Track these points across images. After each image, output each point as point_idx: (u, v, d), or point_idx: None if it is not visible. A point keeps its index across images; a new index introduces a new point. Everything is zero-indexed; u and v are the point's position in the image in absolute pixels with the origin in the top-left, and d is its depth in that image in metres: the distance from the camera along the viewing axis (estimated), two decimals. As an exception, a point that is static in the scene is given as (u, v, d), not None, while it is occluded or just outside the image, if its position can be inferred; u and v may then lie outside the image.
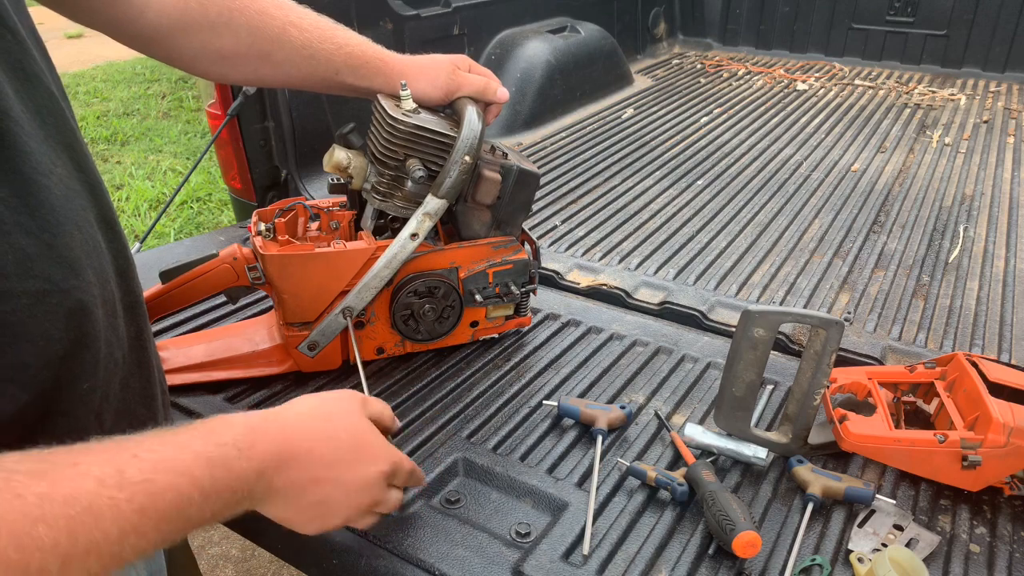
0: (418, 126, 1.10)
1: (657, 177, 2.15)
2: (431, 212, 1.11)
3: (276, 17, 1.02)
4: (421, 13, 2.21)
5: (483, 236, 1.24)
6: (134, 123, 5.16)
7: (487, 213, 1.22)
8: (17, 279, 0.54)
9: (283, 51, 1.03)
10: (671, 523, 0.96)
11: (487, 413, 1.16)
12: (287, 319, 1.17)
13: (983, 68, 3.14)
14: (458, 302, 1.25)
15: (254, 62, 1.04)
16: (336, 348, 1.21)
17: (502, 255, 1.26)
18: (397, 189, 1.15)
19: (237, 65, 1.04)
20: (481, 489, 1.02)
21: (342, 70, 1.09)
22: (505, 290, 1.26)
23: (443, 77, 1.14)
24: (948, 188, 2.06)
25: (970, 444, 0.95)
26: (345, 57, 1.08)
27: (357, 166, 1.16)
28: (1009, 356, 1.32)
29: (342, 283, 1.15)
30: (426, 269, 1.20)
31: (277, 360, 1.22)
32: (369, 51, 1.11)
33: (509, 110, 2.48)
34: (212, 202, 4.04)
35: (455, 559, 0.90)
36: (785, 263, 1.66)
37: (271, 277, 1.14)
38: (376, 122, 1.13)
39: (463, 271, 1.23)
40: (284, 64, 1.05)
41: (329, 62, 1.07)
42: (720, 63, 3.41)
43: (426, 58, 1.16)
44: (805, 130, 2.55)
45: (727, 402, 1.04)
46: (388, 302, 1.20)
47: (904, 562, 0.84)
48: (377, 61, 1.11)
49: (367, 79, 1.11)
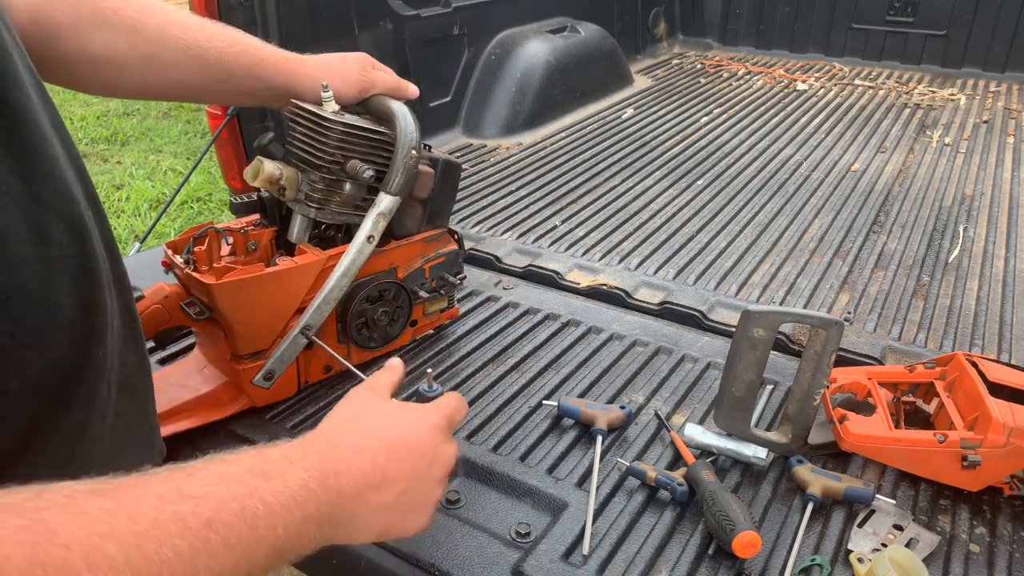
0: (353, 126, 1.07)
1: (657, 177, 2.15)
2: (385, 211, 1.09)
3: (154, 17, 0.94)
4: (421, 13, 2.21)
5: (416, 232, 1.22)
6: (134, 123, 5.16)
7: (419, 208, 1.21)
8: (32, 246, 0.55)
9: (167, 52, 0.95)
10: (671, 523, 0.96)
11: (487, 413, 1.16)
12: (239, 351, 1.08)
13: (983, 68, 3.14)
14: (407, 302, 1.24)
15: (137, 67, 0.94)
16: (292, 374, 1.14)
17: (435, 248, 1.26)
18: (334, 195, 1.10)
19: (119, 71, 0.94)
20: (481, 489, 1.02)
21: (235, 72, 1.01)
22: (442, 283, 1.27)
23: (355, 75, 1.11)
24: (948, 188, 2.06)
25: (970, 444, 0.95)
26: (237, 56, 1.00)
27: (289, 177, 1.09)
28: (1009, 356, 1.32)
29: (296, 301, 1.09)
30: (368, 274, 1.16)
31: (228, 400, 1.12)
32: (264, 50, 1.04)
33: (509, 110, 2.48)
34: (212, 202, 4.03)
35: (455, 559, 0.90)
36: (785, 263, 1.66)
37: (221, 309, 1.04)
38: (303, 127, 1.08)
39: (401, 271, 1.21)
40: (171, 68, 0.96)
41: (220, 62, 0.99)
42: (720, 63, 3.40)
43: (332, 57, 1.12)
44: (805, 130, 2.55)
45: (727, 402, 1.04)
46: (334, 315, 1.14)
47: (904, 562, 0.84)
48: (275, 60, 1.05)
49: (265, 80, 1.04)
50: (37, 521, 0.42)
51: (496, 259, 1.66)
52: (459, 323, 1.41)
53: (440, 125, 2.38)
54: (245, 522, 0.52)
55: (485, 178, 2.12)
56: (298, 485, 0.57)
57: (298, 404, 1.18)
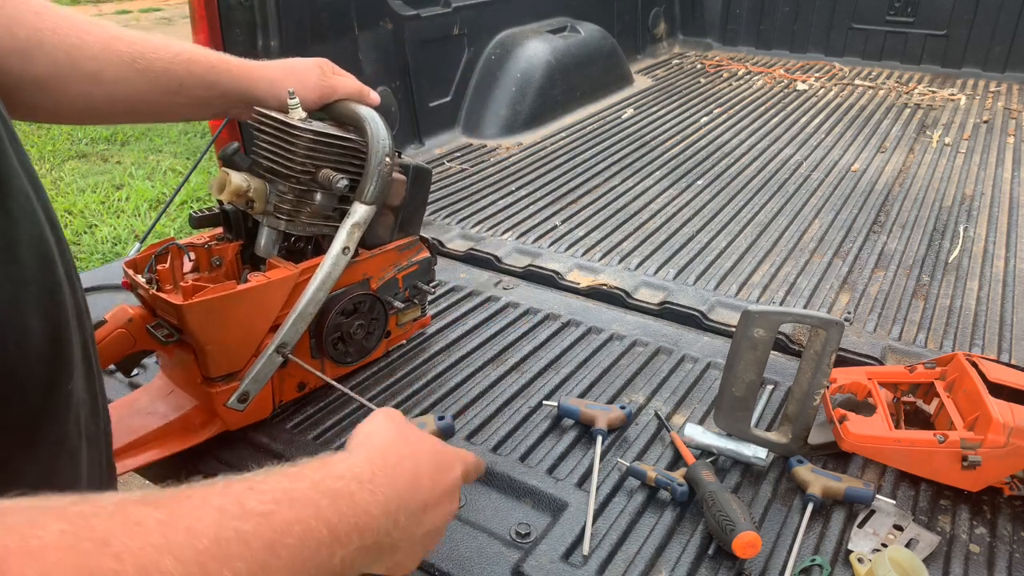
0: (323, 134, 1.03)
1: (657, 177, 2.15)
2: (360, 221, 1.04)
3: (95, 34, 0.89)
4: (421, 13, 2.21)
5: (388, 240, 1.20)
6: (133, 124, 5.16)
7: (391, 216, 1.18)
8: (2, 263, 0.52)
9: (112, 68, 0.90)
10: (671, 523, 0.96)
11: (487, 413, 1.16)
12: (211, 374, 1.03)
13: (983, 68, 3.14)
14: (383, 314, 1.20)
15: (82, 86, 0.89)
16: (266, 394, 1.09)
17: (407, 257, 1.23)
18: (304, 206, 1.06)
19: (63, 92, 0.88)
20: (481, 489, 1.02)
21: (186, 81, 0.96)
22: (415, 292, 1.24)
23: (314, 79, 1.07)
24: (948, 188, 2.06)
25: (970, 444, 0.95)
26: (186, 64, 0.96)
27: (257, 188, 1.05)
28: (1009, 356, 1.32)
29: (271, 318, 1.05)
30: (340, 287, 1.12)
31: (200, 424, 1.06)
32: (214, 56, 1.00)
33: (509, 110, 2.48)
34: (212, 202, 4.04)
35: (455, 559, 0.90)
36: (785, 263, 1.66)
37: (192, 329, 0.98)
38: (269, 135, 1.04)
39: (374, 281, 1.18)
40: (118, 83, 0.91)
41: (168, 72, 0.94)
42: (720, 63, 3.41)
43: (289, 62, 1.08)
44: (805, 130, 2.55)
45: (727, 402, 1.04)
46: (307, 331, 1.09)
47: (904, 562, 0.84)
48: (227, 67, 1.00)
49: (219, 87, 0.99)
50: (85, 528, 0.38)
51: (496, 259, 1.66)
52: (459, 323, 1.41)
53: (440, 125, 2.38)
54: (307, 547, 0.48)
55: (485, 178, 2.12)
56: (363, 510, 0.54)
57: (268, 422, 1.14)
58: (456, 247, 1.70)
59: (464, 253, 1.68)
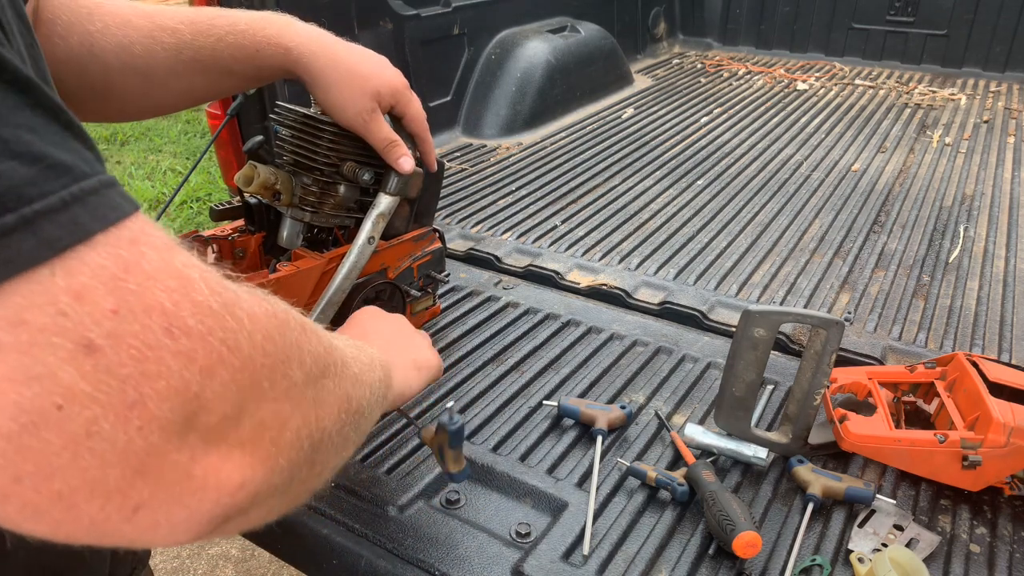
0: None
1: (657, 177, 2.15)
2: (384, 212, 1.08)
3: (139, 26, 0.88)
4: (421, 13, 2.21)
5: (405, 231, 1.23)
6: (133, 123, 5.16)
7: (408, 208, 1.21)
8: None
9: (160, 64, 0.89)
10: (671, 523, 0.96)
11: (487, 413, 1.16)
12: None
13: (983, 68, 3.13)
14: (401, 302, 1.23)
15: (135, 86, 0.89)
16: None
17: (422, 247, 1.26)
18: (329, 197, 1.09)
19: (119, 99, 0.90)
20: (481, 489, 1.02)
21: (234, 67, 0.94)
22: (428, 281, 1.27)
23: (353, 111, 1.00)
24: (948, 188, 2.06)
25: (970, 444, 0.95)
26: (231, 50, 0.93)
27: (284, 180, 1.08)
28: (1009, 356, 1.32)
29: (299, 306, 1.08)
30: (363, 276, 1.14)
31: None
32: (260, 36, 0.94)
33: (509, 110, 2.48)
34: (212, 202, 4.03)
35: (455, 559, 0.90)
36: (785, 263, 1.66)
37: None
38: (293, 129, 1.07)
39: (392, 271, 1.21)
40: (168, 78, 0.91)
41: (215, 58, 0.92)
42: (720, 63, 3.40)
43: (354, 65, 1.01)
44: (805, 130, 2.55)
45: (727, 402, 1.04)
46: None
47: (904, 562, 0.84)
48: (274, 49, 0.95)
49: (265, 69, 0.96)
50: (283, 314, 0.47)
51: (496, 259, 1.65)
52: (459, 323, 1.41)
53: (440, 125, 2.38)
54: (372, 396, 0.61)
55: (485, 178, 2.12)
56: (367, 353, 0.66)
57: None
58: (456, 247, 1.70)
59: (464, 253, 1.68)
